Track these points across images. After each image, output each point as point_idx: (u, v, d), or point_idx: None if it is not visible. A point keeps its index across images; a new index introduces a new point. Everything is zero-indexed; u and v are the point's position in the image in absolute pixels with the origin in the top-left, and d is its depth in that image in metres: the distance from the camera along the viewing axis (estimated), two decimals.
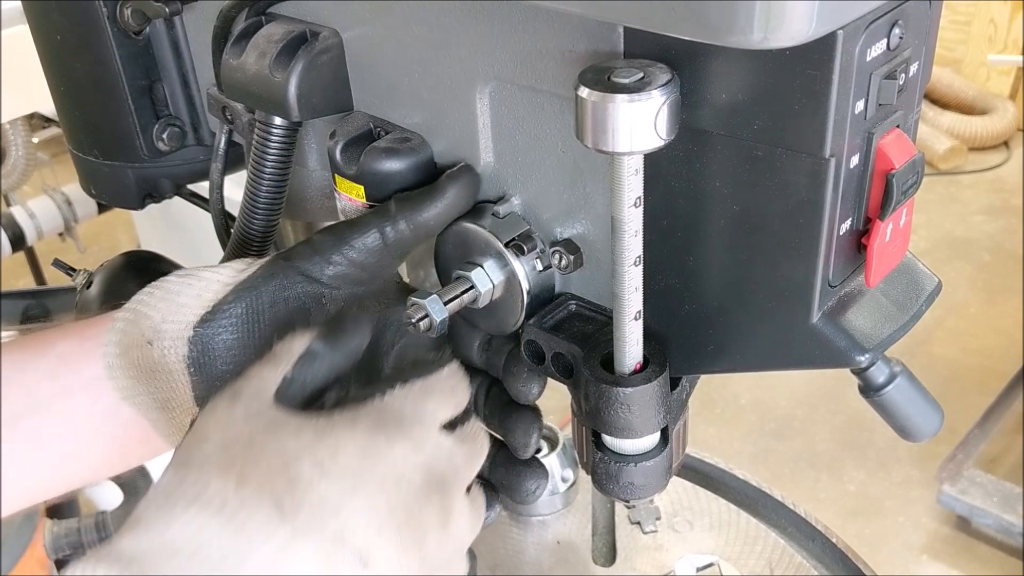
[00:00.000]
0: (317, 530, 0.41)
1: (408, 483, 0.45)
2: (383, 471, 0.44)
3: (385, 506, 0.44)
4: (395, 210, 0.53)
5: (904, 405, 0.50)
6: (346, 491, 0.43)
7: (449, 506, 0.47)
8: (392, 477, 0.44)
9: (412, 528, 0.44)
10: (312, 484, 0.42)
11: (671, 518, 0.97)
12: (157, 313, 0.51)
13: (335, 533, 0.42)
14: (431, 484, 0.46)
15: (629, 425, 0.51)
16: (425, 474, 0.46)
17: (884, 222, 0.46)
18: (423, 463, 0.46)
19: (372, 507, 0.43)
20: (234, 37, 0.59)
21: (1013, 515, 2.15)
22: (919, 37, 0.45)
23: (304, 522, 0.41)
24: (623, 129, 0.41)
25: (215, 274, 0.53)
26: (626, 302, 0.48)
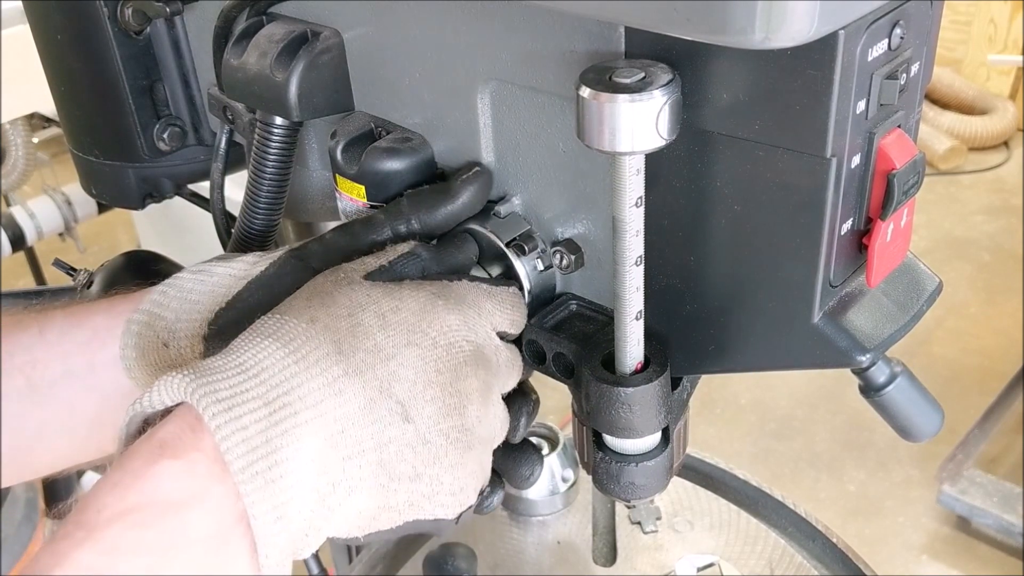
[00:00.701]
0: (367, 374, 0.44)
1: (459, 350, 0.47)
2: (436, 332, 0.47)
3: (434, 366, 0.46)
4: (407, 209, 0.54)
5: (905, 405, 0.50)
6: (400, 343, 0.46)
7: (491, 388, 0.49)
8: (445, 340, 0.47)
9: (456, 393, 0.47)
10: (371, 331, 0.46)
11: (671, 518, 0.97)
12: (171, 313, 0.52)
13: (382, 380, 0.45)
14: (480, 360, 0.48)
15: (630, 425, 0.51)
16: (475, 348, 0.48)
17: (885, 222, 0.46)
18: (474, 340, 0.49)
19: (422, 363, 0.46)
20: (235, 37, 0.59)
21: (1013, 515, 2.15)
22: (920, 37, 0.45)
23: (357, 364, 0.44)
24: (624, 129, 0.41)
25: (227, 268, 0.53)
26: (627, 302, 0.48)
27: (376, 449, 0.44)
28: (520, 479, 0.57)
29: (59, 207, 2.47)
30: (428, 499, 0.47)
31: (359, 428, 0.44)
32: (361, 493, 0.45)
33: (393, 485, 0.45)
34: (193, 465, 0.40)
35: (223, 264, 0.53)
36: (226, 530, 0.41)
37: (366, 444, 0.44)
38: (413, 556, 0.95)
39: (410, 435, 0.45)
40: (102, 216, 2.66)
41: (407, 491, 0.46)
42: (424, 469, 0.46)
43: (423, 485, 0.46)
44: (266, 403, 0.42)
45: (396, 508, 0.46)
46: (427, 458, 0.46)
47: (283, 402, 0.42)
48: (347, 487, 0.44)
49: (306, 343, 0.44)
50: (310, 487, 0.42)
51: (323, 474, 0.43)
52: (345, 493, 0.44)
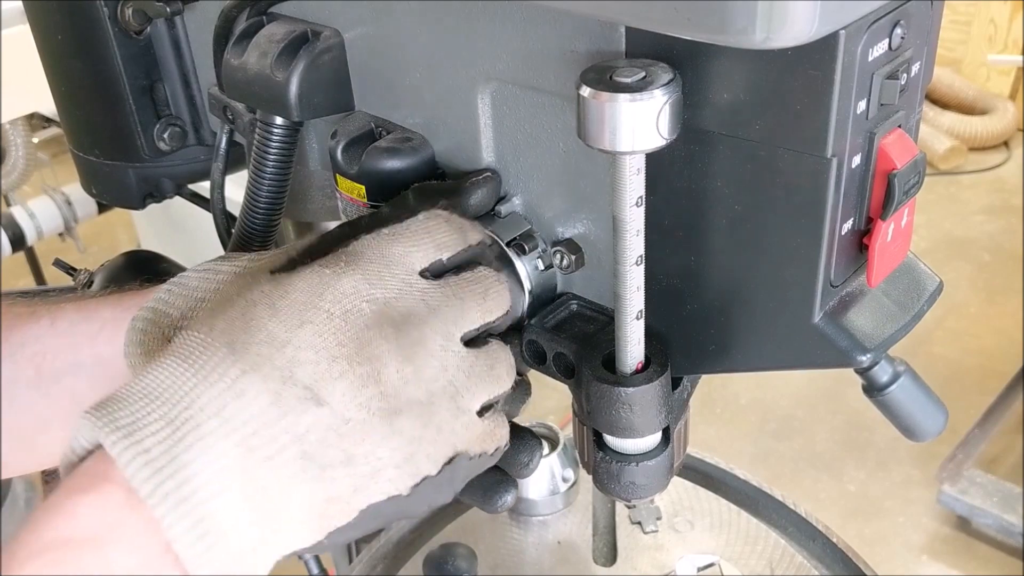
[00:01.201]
0: (265, 367, 0.42)
1: (358, 313, 0.44)
2: (329, 303, 0.44)
3: (334, 339, 0.43)
4: (413, 204, 0.53)
5: (908, 404, 0.50)
6: (293, 326, 0.43)
7: (419, 340, 0.45)
8: (340, 309, 0.44)
9: (366, 360, 0.44)
10: (262, 323, 0.43)
11: (672, 518, 0.97)
12: (176, 311, 0.52)
13: (283, 369, 0.42)
14: (386, 317, 0.45)
15: (630, 425, 0.51)
16: (380, 307, 0.45)
17: (886, 222, 0.46)
18: (379, 297, 0.45)
19: (320, 340, 0.43)
20: (235, 37, 0.59)
21: (1013, 515, 2.15)
22: (921, 37, 0.45)
23: (252, 359, 0.42)
24: (625, 128, 0.41)
25: (232, 266, 0.53)
26: (628, 302, 0.48)
27: (296, 442, 0.42)
28: (519, 466, 0.56)
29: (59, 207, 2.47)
30: (372, 479, 0.44)
31: (271, 425, 0.41)
32: (296, 491, 0.42)
33: (328, 474, 0.43)
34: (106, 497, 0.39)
35: (228, 263, 0.53)
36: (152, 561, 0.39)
37: (283, 439, 0.42)
38: (413, 556, 0.95)
39: (327, 418, 0.42)
40: (102, 216, 2.66)
41: (347, 476, 0.43)
42: (354, 449, 0.43)
43: (361, 466, 0.43)
44: (168, 422, 0.40)
45: (342, 498, 0.43)
46: (354, 437, 0.43)
47: (184, 417, 0.40)
48: (278, 488, 0.42)
49: (203, 352, 0.42)
50: (237, 497, 0.40)
51: (248, 481, 0.41)
52: (279, 495, 0.42)
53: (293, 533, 0.43)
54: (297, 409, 0.42)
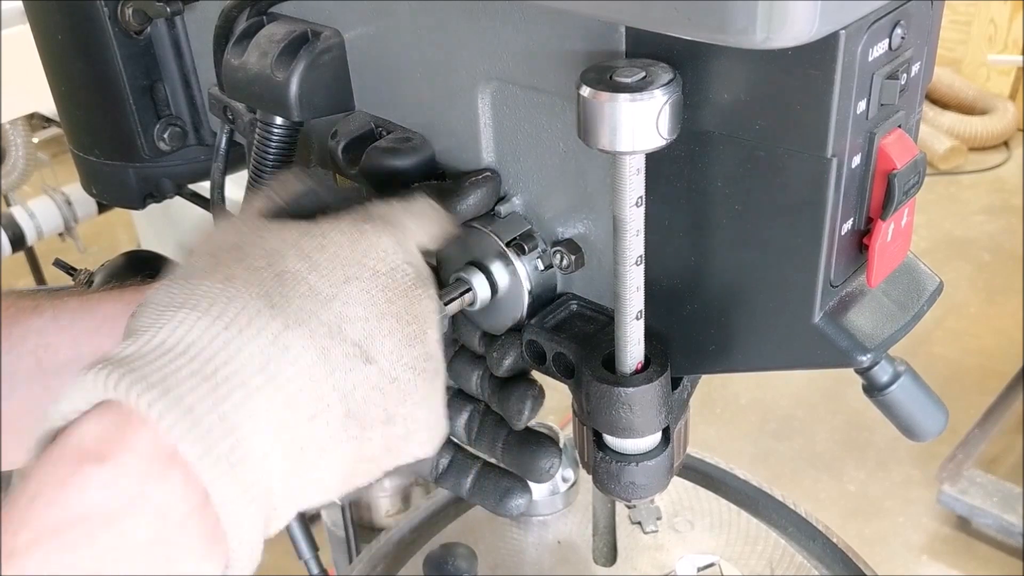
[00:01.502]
0: (310, 322, 0.40)
1: (403, 273, 0.44)
2: (375, 260, 0.43)
3: (382, 296, 0.42)
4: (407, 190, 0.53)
5: (908, 404, 0.50)
6: (338, 281, 0.41)
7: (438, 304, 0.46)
8: (385, 267, 0.43)
9: (415, 319, 0.43)
10: (300, 276, 0.41)
11: (672, 518, 0.97)
12: None
13: (330, 324, 0.40)
14: (424, 279, 0.45)
15: (630, 425, 0.51)
16: (418, 269, 0.45)
17: (886, 222, 0.46)
18: (415, 261, 0.45)
19: (368, 297, 0.42)
20: (236, 37, 0.59)
21: (1013, 515, 2.15)
22: (921, 37, 0.45)
23: (296, 313, 0.40)
24: (625, 128, 0.41)
25: None
26: (627, 302, 0.48)
27: (341, 400, 0.40)
28: (539, 472, 0.56)
29: (59, 207, 2.47)
30: (405, 440, 0.43)
31: (318, 382, 0.40)
32: (334, 451, 0.41)
33: (367, 434, 0.42)
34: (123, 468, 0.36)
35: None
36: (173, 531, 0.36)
37: (329, 397, 0.40)
38: (413, 556, 0.95)
39: (375, 376, 0.41)
40: (102, 216, 2.66)
41: (382, 437, 0.42)
42: (396, 409, 0.42)
43: (398, 427, 0.43)
44: (205, 378, 0.37)
45: (373, 458, 0.43)
46: (397, 397, 0.42)
47: (225, 374, 0.37)
48: (317, 448, 0.40)
49: (230, 305, 0.39)
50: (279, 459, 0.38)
51: (290, 441, 0.39)
52: (317, 455, 0.40)
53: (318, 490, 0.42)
54: (345, 366, 0.41)
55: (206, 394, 0.37)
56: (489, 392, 0.58)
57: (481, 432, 0.59)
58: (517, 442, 0.57)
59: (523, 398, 0.55)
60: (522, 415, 0.55)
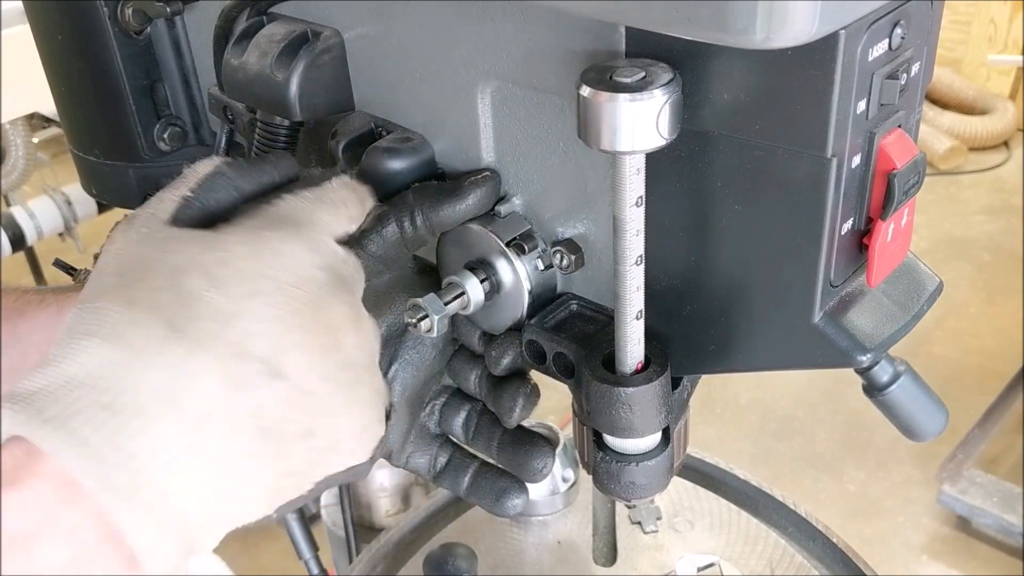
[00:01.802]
0: (213, 343, 0.39)
1: (311, 281, 0.42)
2: (280, 271, 0.41)
3: (287, 308, 0.41)
4: (413, 201, 0.53)
5: (908, 404, 0.50)
6: (241, 297, 0.40)
7: (357, 307, 0.44)
8: (292, 277, 0.41)
9: (324, 330, 0.41)
10: (201, 295, 0.40)
11: (672, 518, 0.97)
12: None
13: (235, 344, 0.39)
14: (337, 282, 0.43)
15: (630, 425, 0.51)
16: (331, 274, 0.43)
17: (886, 222, 0.46)
18: (324, 264, 0.43)
19: (274, 311, 0.40)
20: (235, 37, 0.59)
21: (1013, 515, 2.15)
22: (921, 37, 0.45)
23: (198, 335, 0.39)
24: (625, 128, 0.41)
25: None
26: (627, 302, 0.48)
27: (252, 418, 0.39)
28: (532, 472, 0.56)
29: (59, 207, 2.47)
30: (330, 451, 0.42)
31: (225, 404, 0.39)
32: (253, 470, 0.40)
33: (286, 449, 0.40)
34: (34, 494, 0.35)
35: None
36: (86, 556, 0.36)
37: (239, 417, 0.39)
38: (413, 556, 0.95)
39: (286, 391, 0.40)
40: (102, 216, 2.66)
41: (304, 451, 0.41)
42: (313, 422, 0.41)
43: (319, 439, 0.41)
44: (103, 408, 0.37)
45: (298, 472, 0.42)
46: (313, 409, 0.41)
47: (123, 402, 0.37)
48: (233, 467, 0.39)
49: (131, 330, 0.39)
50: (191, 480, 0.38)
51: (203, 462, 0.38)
52: (235, 475, 0.39)
53: (243, 509, 0.41)
54: (253, 384, 0.39)
55: (102, 424, 0.37)
56: (485, 391, 0.58)
57: (478, 431, 0.59)
58: (511, 442, 0.57)
59: (515, 395, 0.55)
60: (513, 412, 0.55)
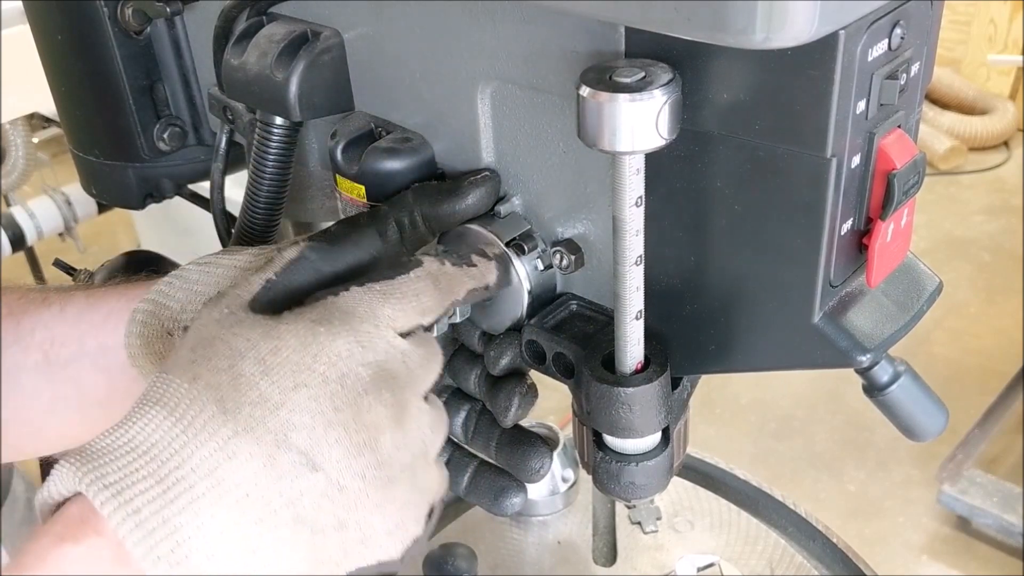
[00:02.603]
0: (258, 429, 0.41)
1: (355, 378, 0.43)
2: (325, 366, 0.43)
3: (330, 404, 0.42)
4: (412, 202, 0.53)
5: (908, 404, 0.50)
6: (287, 388, 0.42)
7: (404, 405, 0.45)
8: (336, 373, 0.43)
9: (362, 428, 0.43)
10: (253, 381, 0.42)
11: (672, 518, 0.97)
12: (176, 303, 0.52)
13: (276, 433, 0.41)
14: (381, 382, 0.44)
15: (630, 425, 0.51)
16: (375, 371, 0.44)
17: (885, 222, 0.46)
18: (372, 361, 0.44)
19: (316, 405, 0.42)
20: (235, 37, 0.59)
21: (1013, 515, 2.15)
22: (920, 37, 0.45)
23: (245, 421, 0.41)
24: (624, 128, 0.41)
25: (232, 259, 0.53)
26: (627, 302, 0.48)
27: (288, 505, 0.41)
28: (530, 472, 0.56)
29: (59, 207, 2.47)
30: (363, 544, 0.43)
31: (264, 488, 0.41)
32: (287, 553, 0.42)
33: (318, 539, 0.42)
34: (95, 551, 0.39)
35: (228, 256, 0.53)
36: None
37: (276, 503, 0.41)
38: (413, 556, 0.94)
39: (322, 484, 0.42)
40: (102, 216, 2.66)
41: (337, 541, 0.43)
42: (347, 516, 0.43)
43: (351, 532, 0.43)
44: (158, 480, 0.40)
45: (331, 560, 0.43)
46: (347, 504, 0.42)
47: (176, 477, 0.40)
48: (269, 550, 0.41)
49: (191, 407, 0.41)
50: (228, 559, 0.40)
51: (239, 542, 0.40)
52: (269, 557, 0.41)
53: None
54: (291, 474, 0.41)
55: (155, 496, 0.39)
56: (484, 391, 0.58)
57: (477, 431, 0.59)
58: (509, 441, 0.57)
59: (511, 395, 0.55)
60: (509, 412, 0.55)
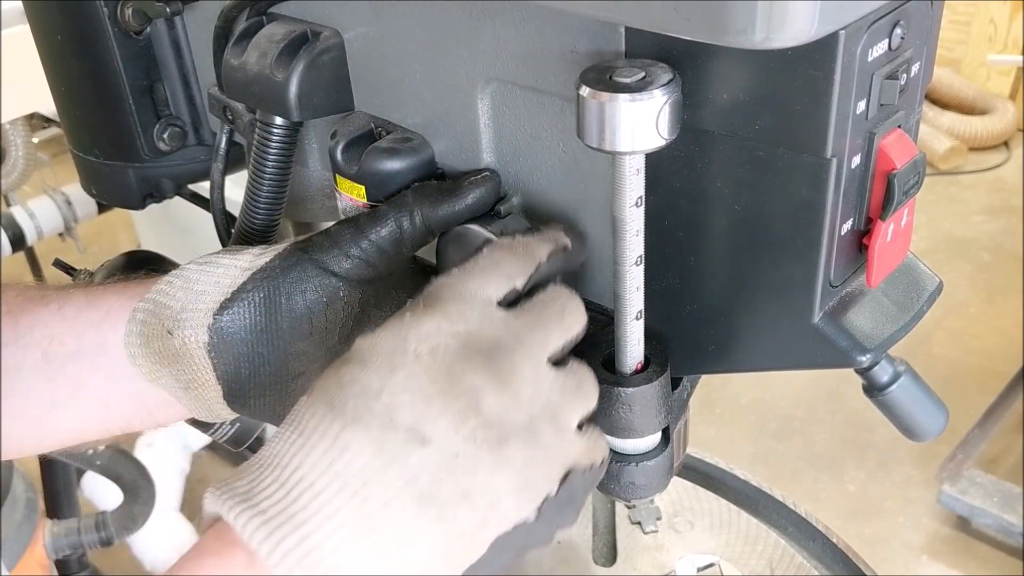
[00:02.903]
0: (364, 418, 0.43)
1: (445, 349, 0.45)
2: (415, 344, 0.45)
3: (426, 378, 0.44)
4: (412, 201, 0.53)
5: (908, 404, 0.50)
6: (384, 374, 0.44)
7: (510, 368, 0.45)
8: (426, 348, 0.45)
9: (461, 394, 0.44)
10: (355, 376, 0.44)
11: (672, 518, 0.97)
12: (176, 302, 0.53)
13: (381, 417, 0.43)
14: (471, 348, 0.45)
15: (630, 425, 0.51)
16: (464, 339, 0.45)
17: (885, 222, 0.46)
18: (462, 331, 0.46)
19: (413, 382, 0.44)
20: (235, 37, 0.59)
21: (1013, 515, 2.15)
22: (920, 37, 0.45)
23: (351, 413, 0.43)
24: (624, 129, 0.41)
25: (232, 259, 0.53)
26: (627, 302, 0.48)
27: (409, 485, 0.42)
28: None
29: (59, 207, 2.47)
30: (493, 509, 0.44)
31: (380, 472, 0.42)
32: (419, 534, 0.42)
33: (447, 512, 0.43)
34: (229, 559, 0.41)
35: (228, 256, 0.53)
36: None
37: (395, 484, 0.42)
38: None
39: (435, 455, 0.43)
40: (102, 216, 2.66)
41: (467, 511, 0.43)
42: (469, 482, 0.43)
43: (478, 498, 0.43)
44: (281, 485, 0.42)
45: (467, 533, 0.43)
46: (465, 470, 0.43)
47: (297, 478, 0.42)
48: (400, 533, 0.42)
49: (305, 414, 0.44)
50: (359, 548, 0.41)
51: (368, 530, 0.41)
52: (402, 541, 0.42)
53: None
54: (403, 452, 0.42)
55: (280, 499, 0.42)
56: None
57: None
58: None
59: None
60: None
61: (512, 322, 0.47)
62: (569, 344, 0.49)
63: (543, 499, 0.45)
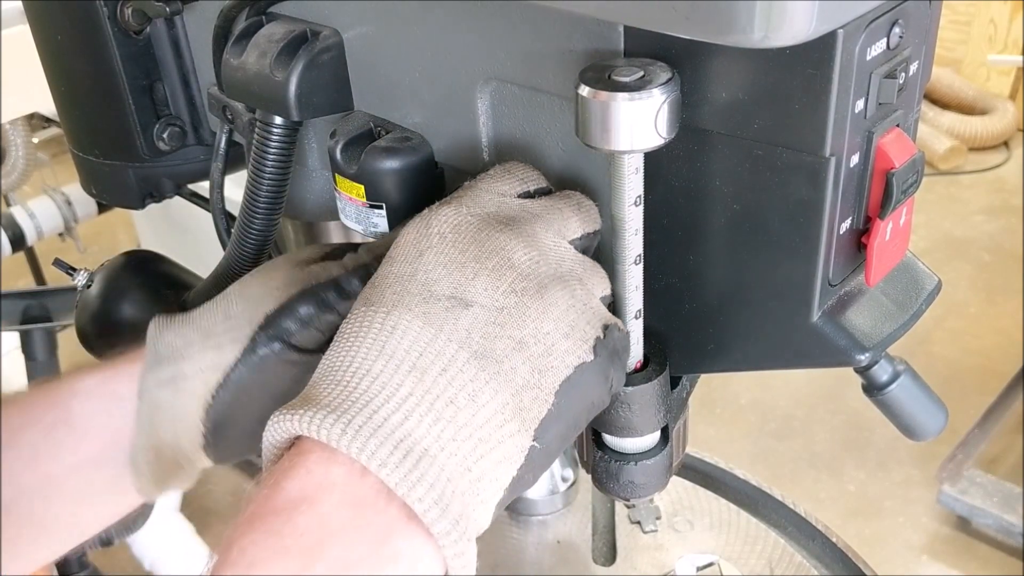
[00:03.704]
0: (404, 299, 0.45)
1: (467, 224, 0.47)
2: (437, 226, 0.47)
3: (454, 250, 0.46)
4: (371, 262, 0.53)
5: (908, 404, 0.50)
6: (412, 260, 0.46)
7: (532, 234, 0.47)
8: (449, 227, 0.47)
9: (491, 253, 0.46)
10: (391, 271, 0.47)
11: (671, 518, 0.97)
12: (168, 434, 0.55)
13: (419, 295, 0.45)
14: (494, 220, 0.48)
15: (629, 424, 0.51)
16: (484, 215, 0.48)
17: (884, 221, 0.46)
18: (480, 212, 0.48)
19: (442, 257, 0.46)
20: (235, 36, 0.59)
21: (1013, 515, 2.14)
22: (919, 36, 0.45)
23: (390, 300, 0.45)
24: (623, 128, 0.42)
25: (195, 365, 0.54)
26: (627, 301, 0.48)
27: (463, 346, 0.43)
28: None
29: (59, 207, 2.46)
30: (549, 354, 0.44)
31: (432, 341, 0.43)
32: (483, 392, 0.43)
33: (506, 366, 0.43)
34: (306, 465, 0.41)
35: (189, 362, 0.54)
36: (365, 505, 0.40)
37: (450, 349, 0.43)
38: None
39: (482, 313, 0.44)
40: (102, 216, 2.66)
41: (524, 360, 0.44)
42: (520, 332, 0.44)
43: (532, 347, 0.44)
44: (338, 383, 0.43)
45: (530, 383, 0.44)
46: (514, 321, 0.44)
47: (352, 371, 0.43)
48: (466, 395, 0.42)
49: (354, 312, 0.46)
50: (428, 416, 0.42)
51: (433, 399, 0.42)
52: (469, 402, 0.42)
53: (500, 441, 0.43)
54: (450, 318, 0.44)
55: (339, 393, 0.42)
56: None
57: None
58: None
59: None
60: None
61: (529, 205, 0.49)
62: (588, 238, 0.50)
63: (594, 339, 0.46)
